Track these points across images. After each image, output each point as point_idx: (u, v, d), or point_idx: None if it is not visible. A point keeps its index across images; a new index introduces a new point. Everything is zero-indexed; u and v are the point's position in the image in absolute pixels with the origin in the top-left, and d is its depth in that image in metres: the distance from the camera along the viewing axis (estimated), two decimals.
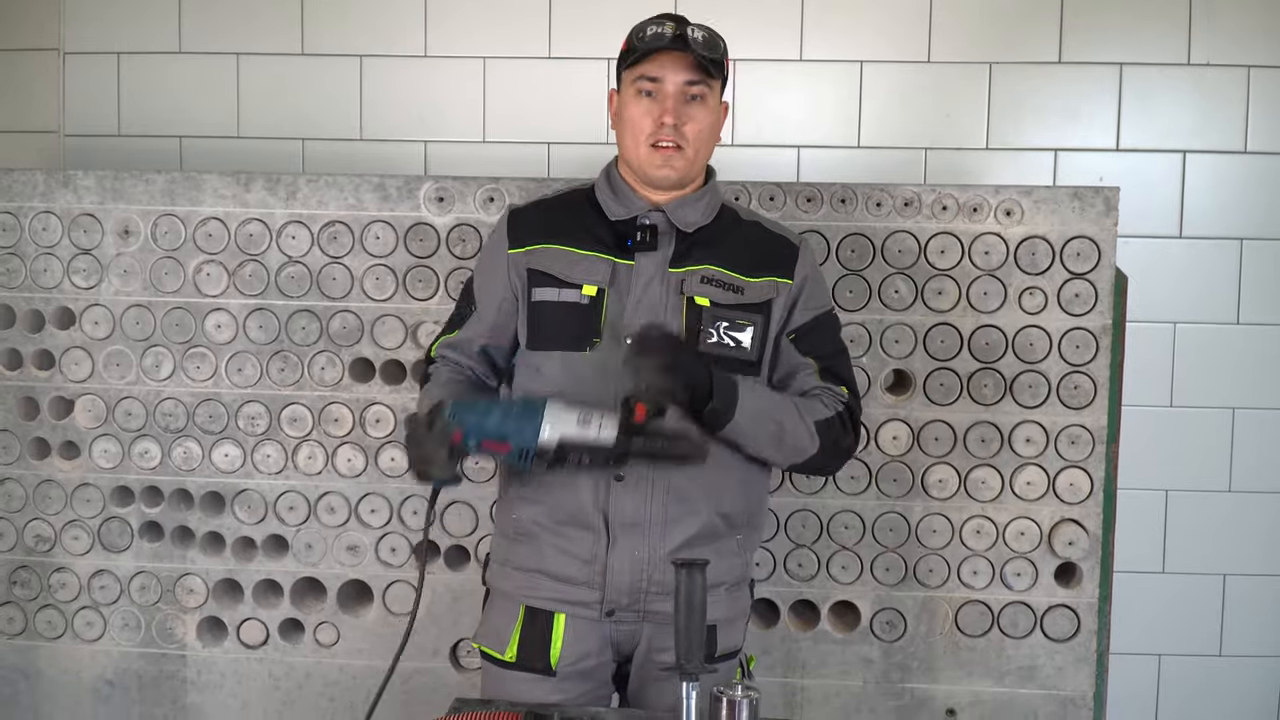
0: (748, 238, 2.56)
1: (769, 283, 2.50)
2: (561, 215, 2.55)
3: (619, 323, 2.42)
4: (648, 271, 2.46)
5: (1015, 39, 3.88)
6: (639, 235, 2.47)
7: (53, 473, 3.44)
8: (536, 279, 2.49)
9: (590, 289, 2.45)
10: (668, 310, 2.43)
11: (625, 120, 2.48)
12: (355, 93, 3.97)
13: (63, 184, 3.38)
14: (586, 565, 2.44)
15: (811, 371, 2.52)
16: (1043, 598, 3.30)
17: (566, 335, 2.45)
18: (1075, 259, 3.22)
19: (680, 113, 2.43)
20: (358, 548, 3.39)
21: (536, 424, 2.22)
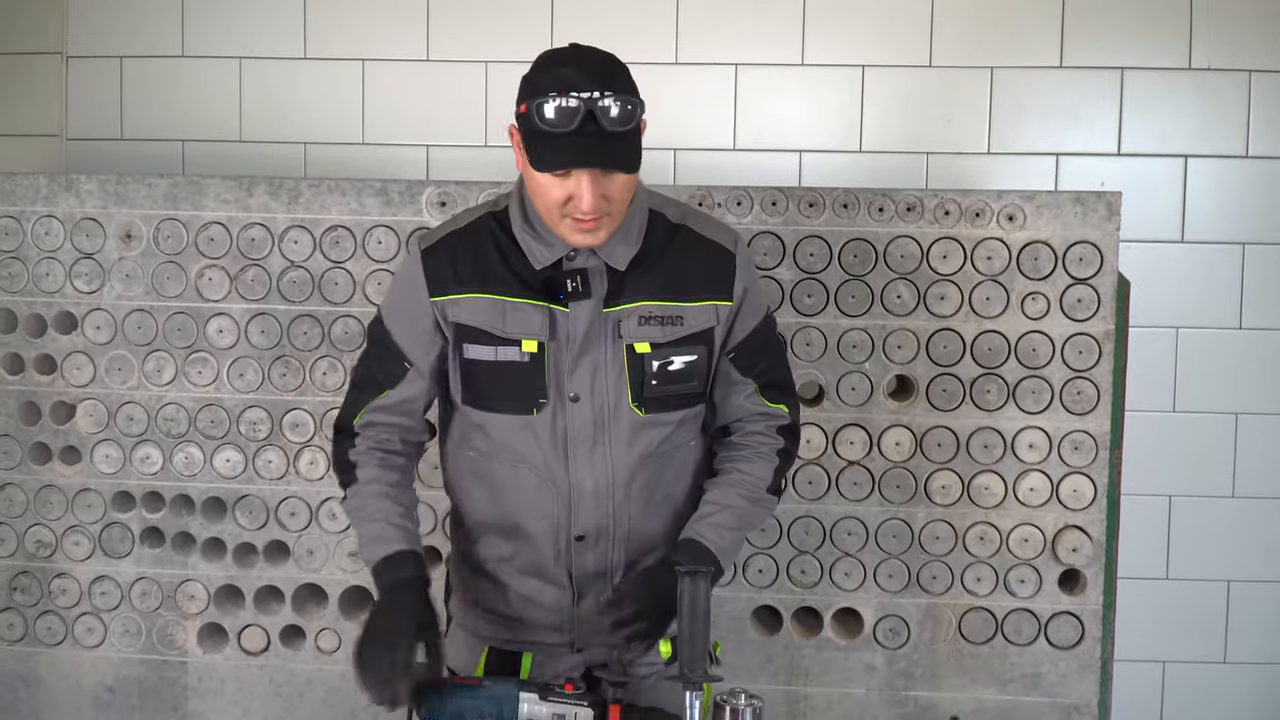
0: (682, 253, 2.31)
1: (709, 308, 2.30)
2: (479, 254, 2.28)
3: (561, 379, 2.27)
4: (584, 318, 2.25)
5: (1016, 43, 3.87)
6: (570, 284, 2.24)
7: (54, 478, 3.44)
8: (466, 334, 2.27)
9: (530, 345, 2.24)
10: (608, 360, 2.27)
11: (534, 185, 2.17)
12: (358, 97, 3.97)
13: (65, 188, 3.37)
14: (555, 614, 2.40)
15: (752, 391, 2.40)
16: (1046, 605, 3.29)
17: (509, 395, 2.28)
18: (1078, 264, 3.22)
19: (599, 193, 2.11)
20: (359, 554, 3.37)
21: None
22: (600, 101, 2.06)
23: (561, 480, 2.30)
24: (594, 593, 2.37)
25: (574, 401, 2.27)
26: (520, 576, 2.41)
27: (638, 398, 2.28)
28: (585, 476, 2.30)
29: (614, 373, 2.27)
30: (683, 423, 2.36)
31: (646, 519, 2.37)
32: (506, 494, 2.35)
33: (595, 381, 2.27)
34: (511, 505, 2.35)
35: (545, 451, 2.29)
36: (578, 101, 2.06)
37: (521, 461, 2.31)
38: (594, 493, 2.31)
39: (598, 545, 2.35)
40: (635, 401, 2.28)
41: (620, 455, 2.30)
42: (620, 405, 2.28)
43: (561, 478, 2.30)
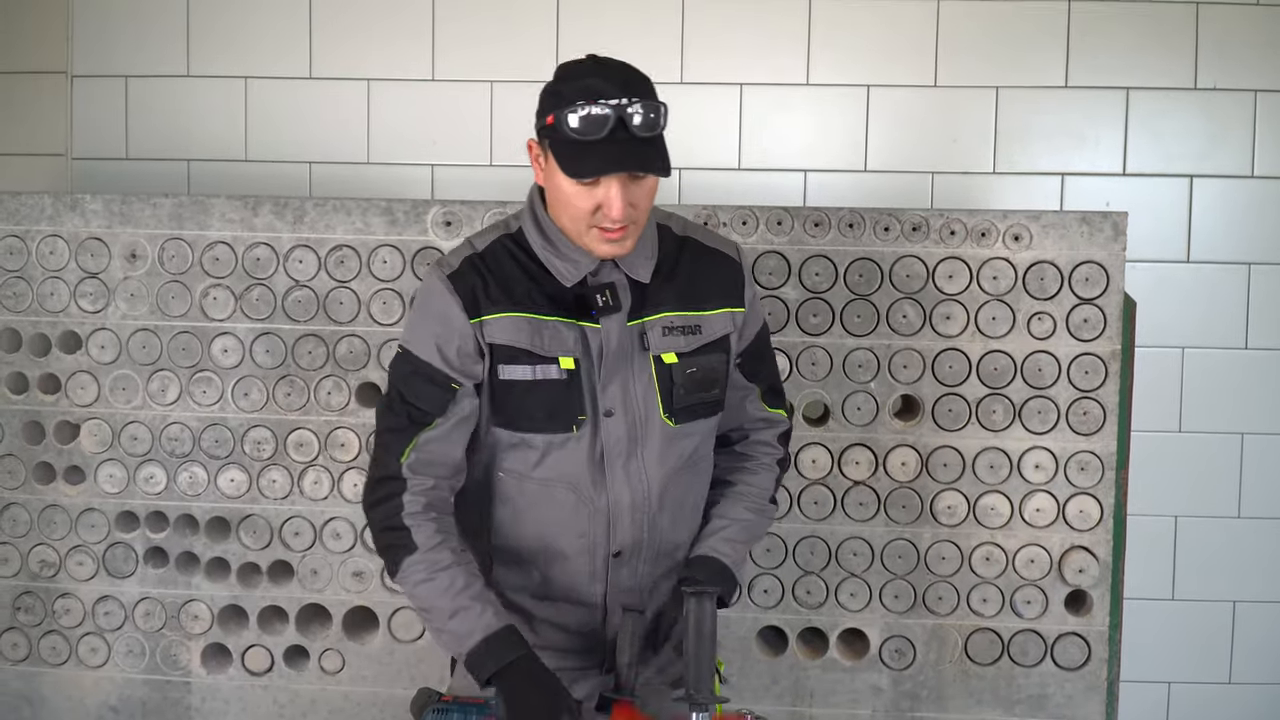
0: (693, 264, 2.36)
1: (725, 315, 2.35)
2: (506, 275, 2.28)
3: (595, 395, 2.26)
4: (614, 332, 2.26)
5: (1022, 63, 3.88)
6: (601, 299, 2.24)
7: (58, 497, 3.43)
8: (502, 354, 2.24)
9: (568, 362, 2.24)
10: (636, 373, 2.28)
11: (560, 198, 2.18)
12: (363, 116, 3.98)
13: (70, 207, 3.37)
14: (582, 637, 2.39)
15: (755, 396, 2.45)
16: (1053, 626, 3.28)
17: (549, 415, 2.26)
18: (1084, 284, 3.21)
19: (628, 201, 2.13)
20: (363, 574, 3.37)
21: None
22: (628, 108, 2.09)
23: (600, 498, 2.29)
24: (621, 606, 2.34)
25: (608, 417, 2.27)
26: (547, 603, 2.38)
27: (668, 409, 2.30)
28: (622, 492, 2.29)
29: (643, 385, 2.29)
30: (707, 435, 2.39)
31: (676, 530, 2.38)
32: (539, 514, 2.32)
33: (627, 395, 2.28)
34: (544, 526, 2.32)
35: (582, 469, 2.28)
36: (606, 109, 2.08)
37: (558, 481, 2.29)
38: (630, 507, 2.30)
39: (631, 560, 2.34)
40: (666, 413, 2.30)
41: (654, 468, 2.30)
42: (652, 418, 2.29)
43: (600, 495, 2.29)
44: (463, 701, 2.21)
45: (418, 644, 3.37)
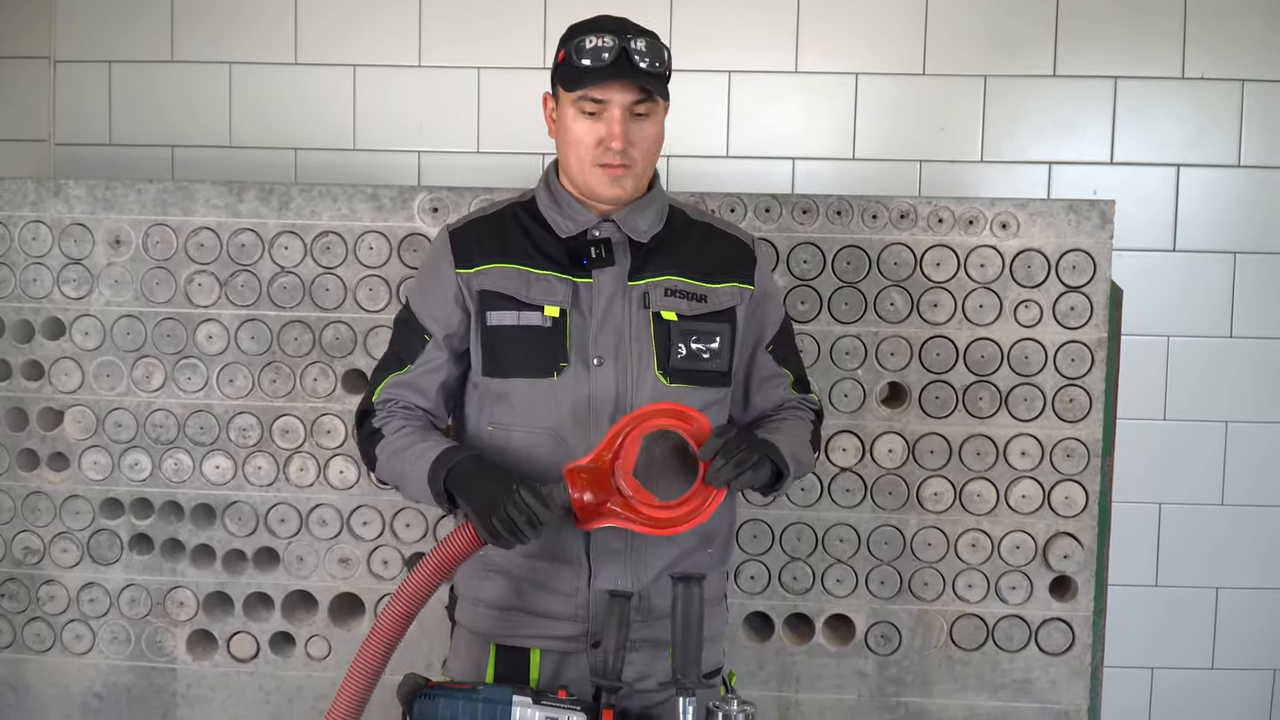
0: (702, 241, 2.47)
1: (732, 289, 2.43)
2: (506, 232, 2.42)
3: (585, 344, 2.33)
4: (608, 288, 2.35)
5: (1010, 52, 3.88)
6: (594, 251, 2.37)
7: (41, 484, 3.41)
8: (491, 300, 2.35)
9: (552, 310, 2.33)
10: (634, 327, 2.34)
11: (568, 138, 2.35)
12: (349, 102, 3.96)
13: (53, 193, 3.35)
14: (568, 599, 2.36)
15: (787, 383, 2.53)
16: (1037, 611, 3.29)
17: (530, 361, 2.33)
18: (1070, 272, 3.22)
19: (628, 135, 2.30)
20: (349, 560, 3.36)
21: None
22: (633, 42, 2.29)
23: (581, 446, 2.29)
24: (609, 576, 2.34)
25: (598, 366, 2.32)
26: (531, 562, 2.37)
27: (663, 366, 2.34)
28: None
29: (641, 340, 2.34)
30: (707, 407, 2.36)
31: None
32: (524, 466, 2.33)
33: (620, 346, 2.33)
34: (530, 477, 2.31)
35: (565, 419, 2.32)
36: (613, 39, 2.29)
37: (541, 429, 2.32)
38: None
39: None
40: (660, 369, 2.34)
41: None
42: (645, 373, 2.33)
43: (581, 444, 2.29)
44: (449, 687, 2.21)
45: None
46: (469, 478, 2.22)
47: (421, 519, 3.32)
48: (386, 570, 3.36)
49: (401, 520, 3.34)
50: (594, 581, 2.35)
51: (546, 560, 2.36)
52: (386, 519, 3.34)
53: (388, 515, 3.34)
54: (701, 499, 2.19)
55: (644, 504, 2.17)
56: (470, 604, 2.46)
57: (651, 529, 2.19)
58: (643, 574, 2.36)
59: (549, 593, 2.37)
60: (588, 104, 2.30)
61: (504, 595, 2.40)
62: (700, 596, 2.15)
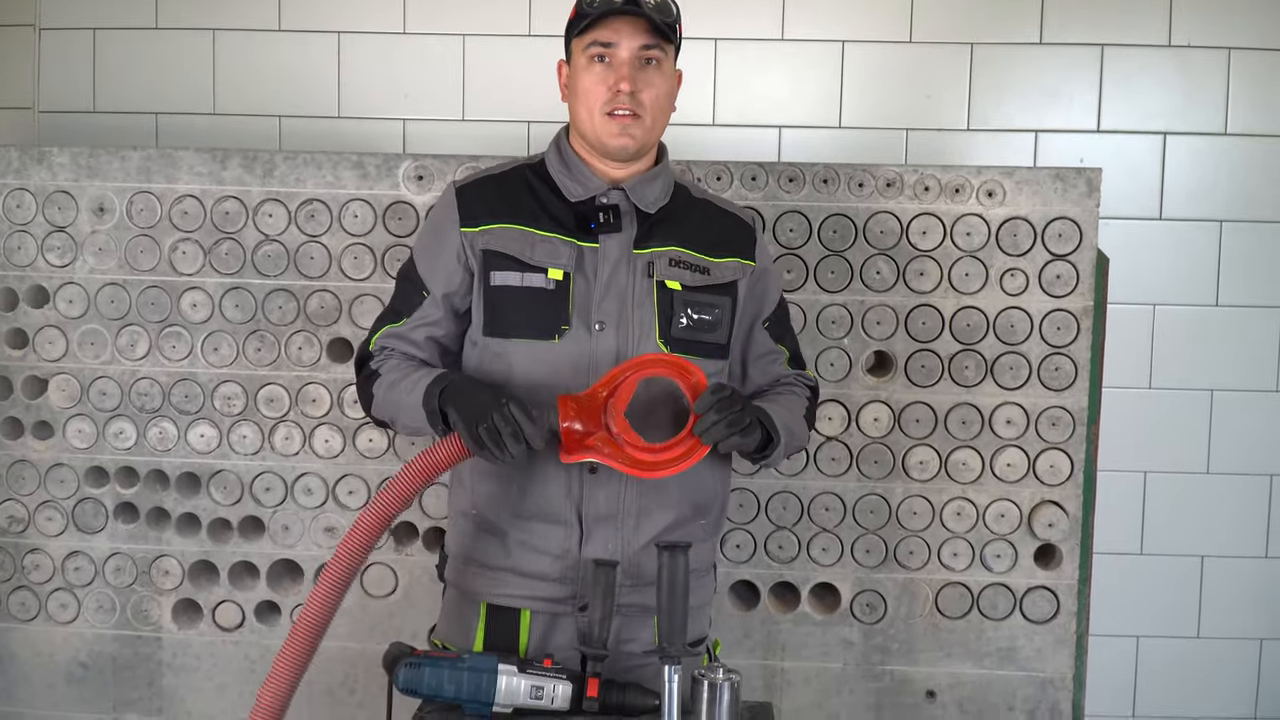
0: (704, 216, 2.49)
1: (734, 263, 2.46)
2: (514, 192, 2.43)
3: (588, 308, 2.35)
4: (613, 254, 2.37)
5: (996, 20, 3.87)
6: (602, 216, 2.38)
7: (26, 453, 3.40)
8: (494, 261, 2.36)
9: (556, 273, 2.34)
10: (637, 294, 2.36)
11: (578, 90, 2.38)
12: (333, 70, 3.94)
13: (37, 160, 3.33)
14: (558, 560, 2.36)
15: (783, 359, 2.55)
16: (1022, 579, 3.30)
17: (532, 322, 2.35)
18: (1057, 240, 3.22)
19: (636, 79, 2.33)
20: (335, 529, 3.36)
21: (489, 694, 2.17)
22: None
23: None
24: (600, 538, 2.35)
25: (599, 330, 2.33)
26: (523, 522, 2.38)
27: (665, 334, 2.36)
28: None
29: (643, 307, 2.36)
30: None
31: None
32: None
33: (622, 312, 2.35)
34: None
35: (565, 380, 2.32)
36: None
37: (541, 389, 2.31)
38: None
39: (609, 483, 2.34)
40: (662, 338, 2.36)
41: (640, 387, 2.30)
42: (646, 340, 2.35)
43: None
44: (434, 655, 2.22)
45: (390, 599, 3.37)
46: (460, 390, 2.25)
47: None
48: None
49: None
50: (585, 544, 2.35)
51: (539, 521, 2.37)
52: (372, 488, 3.34)
53: (374, 484, 3.34)
54: (686, 449, 2.22)
55: (629, 444, 2.20)
56: (460, 562, 2.46)
57: (632, 469, 2.21)
58: (634, 539, 2.37)
59: (539, 554, 2.37)
60: (596, 48, 2.33)
61: (494, 554, 2.41)
62: (685, 565, 2.15)
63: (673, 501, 2.38)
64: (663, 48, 2.36)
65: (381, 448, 3.32)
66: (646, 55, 2.34)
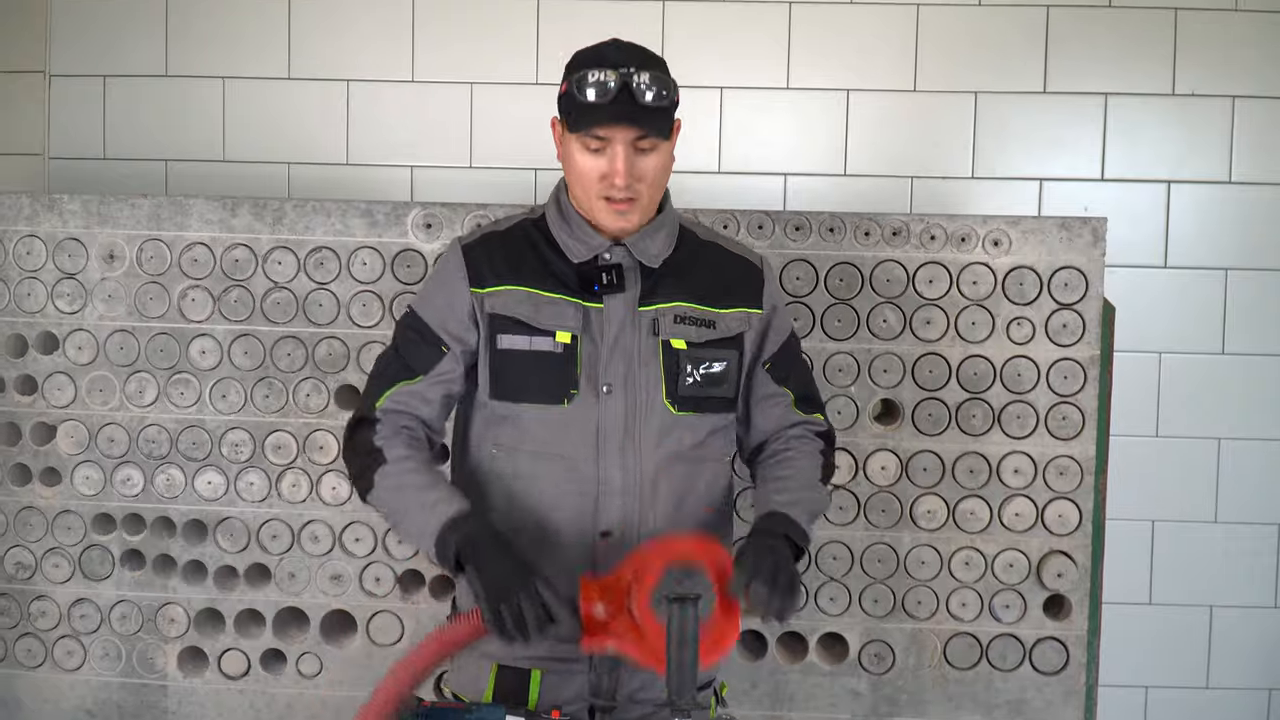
0: (712, 264, 2.45)
1: (740, 314, 2.42)
2: (518, 252, 2.39)
3: (595, 371, 2.32)
4: (618, 314, 2.34)
5: (1001, 68, 3.89)
6: (605, 277, 2.34)
7: (34, 499, 3.40)
8: (501, 324, 2.34)
9: (564, 336, 2.31)
10: (642, 353, 2.33)
11: (573, 171, 2.32)
12: (342, 117, 3.96)
13: (48, 207, 3.35)
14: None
15: (788, 403, 2.48)
16: (1031, 630, 3.29)
17: (541, 386, 2.32)
18: (1063, 289, 3.22)
19: (632, 170, 2.26)
20: (341, 577, 3.36)
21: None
22: (634, 76, 2.24)
23: (590, 473, 2.31)
24: None
25: (607, 394, 2.31)
26: None
27: (672, 394, 2.34)
28: (614, 471, 2.31)
29: (650, 367, 2.34)
30: (714, 432, 2.40)
31: (673, 524, 2.36)
32: (531, 488, 2.34)
33: (629, 374, 2.33)
34: (535, 500, 2.34)
35: (574, 444, 2.31)
36: (615, 74, 2.24)
37: (549, 454, 2.32)
38: (622, 489, 2.32)
39: (623, 545, 2.32)
40: (669, 398, 2.34)
41: (649, 451, 2.33)
42: (654, 401, 2.33)
43: (590, 471, 2.31)
44: (442, 706, 2.21)
45: (396, 647, 3.36)
46: (484, 552, 2.18)
47: None
48: (379, 587, 3.35)
49: (395, 537, 3.33)
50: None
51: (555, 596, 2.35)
52: (379, 535, 3.33)
53: (380, 532, 3.33)
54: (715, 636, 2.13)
55: (653, 633, 2.10)
56: None
57: (656, 663, 2.11)
58: None
59: None
60: (591, 140, 2.27)
61: None
62: (695, 618, 2.14)
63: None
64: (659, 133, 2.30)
65: None
66: (641, 145, 2.28)
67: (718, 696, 2.52)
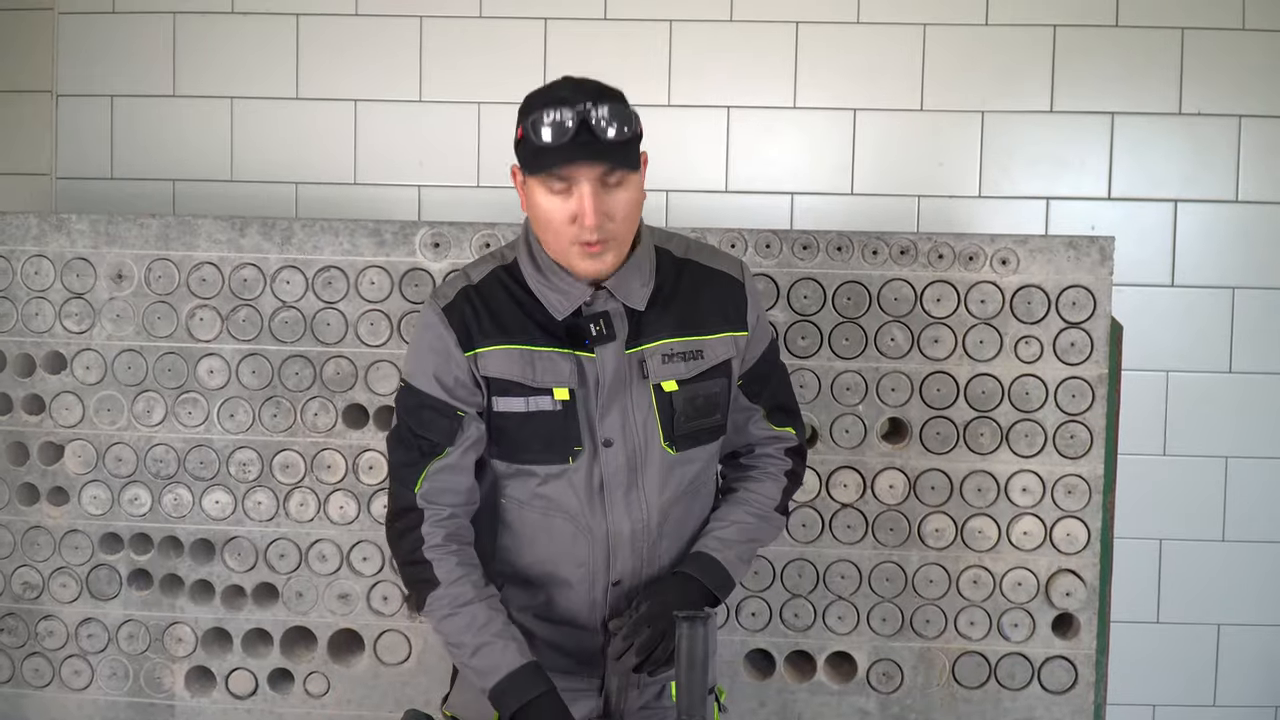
0: (694, 286, 2.35)
1: (727, 339, 2.34)
2: (498, 306, 2.28)
3: (594, 426, 2.27)
4: (610, 364, 2.26)
5: (1007, 88, 3.90)
6: (594, 329, 2.24)
7: (41, 519, 3.40)
8: (496, 386, 2.26)
9: (562, 393, 2.24)
10: (635, 400, 2.28)
11: (539, 217, 2.19)
12: (349, 137, 3.97)
13: (56, 227, 3.36)
14: (584, 664, 2.38)
15: (760, 417, 2.45)
16: (1040, 649, 3.28)
17: (544, 447, 2.27)
18: (1071, 308, 3.22)
19: (601, 209, 2.13)
20: (349, 596, 3.35)
21: None
22: (592, 111, 2.11)
23: (599, 527, 2.30)
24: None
25: (607, 446, 2.27)
26: (549, 625, 2.38)
27: (669, 437, 2.30)
28: (622, 522, 2.30)
29: (643, 413, 2.28)
30: (708, 458, 2.39)
31: (675, 556, 2.38)
32: (539, 543, 2.33)
33: (626, 424, 2.28)
34: (545, 554, 2.34)
35: (581, 499, 2.29)
36: (571, 111, 2.10)
37: (557, 511, 2.30)
38: (631, 537, 2.31)
39: (631, 589, 2.33)
40: (667, 441, 2.30)
41: (654, 496, 2.31)
42: (652, 446, 2.29)
43: (599, 525, 2.30)
44: None
45: (404, 666, 3.35)
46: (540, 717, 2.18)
47: None
48: (386, 606, 3.35)
49: None
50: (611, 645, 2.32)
51: (565, 624, 2.38)
52: (386, 555, 3.33)
53: (388, 551, 3.32)
54: None
55: None
56: None
57: None
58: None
59: (565, 655, 2.39)
60: (555, 182, 2.14)
61: None
62: (705, 636, 2.15)
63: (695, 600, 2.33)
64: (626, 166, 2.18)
65: None
66: (609, 180, 2.16)
67: (718, 702, 2.52)
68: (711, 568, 2.32)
